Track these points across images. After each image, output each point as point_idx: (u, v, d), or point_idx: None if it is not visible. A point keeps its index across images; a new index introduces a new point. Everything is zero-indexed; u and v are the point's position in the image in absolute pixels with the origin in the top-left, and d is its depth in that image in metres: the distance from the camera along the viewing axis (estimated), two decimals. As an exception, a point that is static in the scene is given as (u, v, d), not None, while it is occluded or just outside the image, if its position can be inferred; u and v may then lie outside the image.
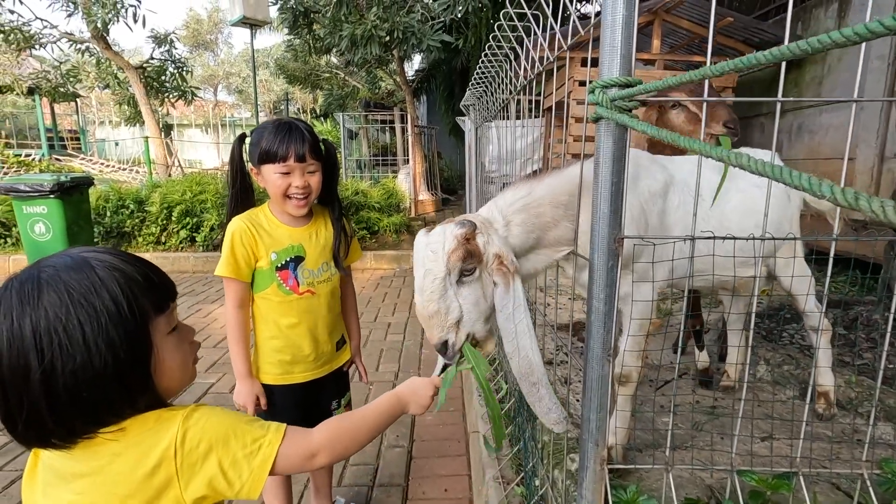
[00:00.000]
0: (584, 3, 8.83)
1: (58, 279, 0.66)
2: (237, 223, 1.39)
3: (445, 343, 1.17)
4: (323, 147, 1.43)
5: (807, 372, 2.01)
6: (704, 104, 0.97)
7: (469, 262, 1.16)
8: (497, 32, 1.95)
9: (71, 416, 0.66)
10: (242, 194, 1.44)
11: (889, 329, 1.05)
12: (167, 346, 0.74)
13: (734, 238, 1.01)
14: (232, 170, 1.42)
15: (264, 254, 1.39)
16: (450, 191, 10.87)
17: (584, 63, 4.62)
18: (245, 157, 1.45)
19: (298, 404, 1.51)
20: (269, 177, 1.36)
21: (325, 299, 1.49)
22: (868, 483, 1.01)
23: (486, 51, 2.20)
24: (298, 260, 1.43)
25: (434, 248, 1.18)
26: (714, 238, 0.96)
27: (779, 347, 2.33)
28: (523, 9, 1.50)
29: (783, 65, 0.98)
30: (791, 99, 0.95)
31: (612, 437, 1.47)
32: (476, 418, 2.22)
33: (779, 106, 0.90)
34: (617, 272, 0.97)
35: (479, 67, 2.58)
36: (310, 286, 1.45)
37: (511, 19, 1.64)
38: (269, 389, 1.48)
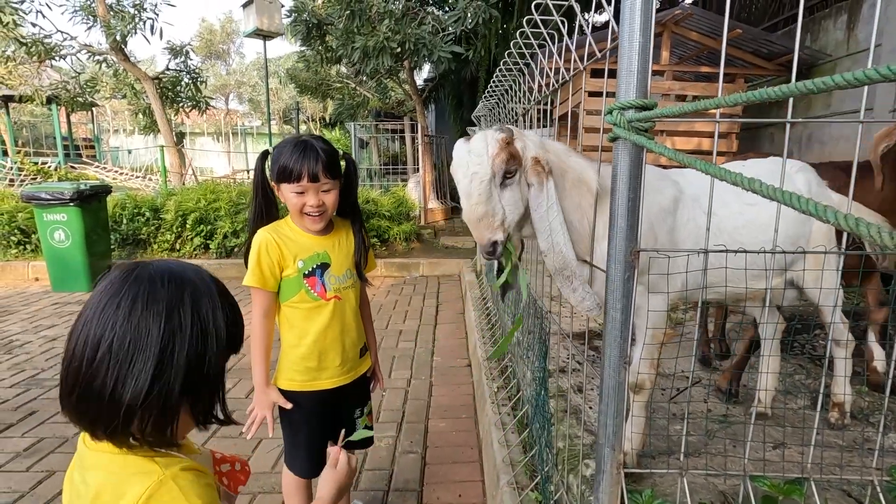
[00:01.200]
0: (597, 12, 8.92)
1: (183, 282, 0.70)
2: (262, 235, 1.44)
3: (495, 243, 1.26)
4: (343, 163, 1.48)
5: (818, 381, 2.03)
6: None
7: (512, 163, 1.24)
8: (511, 49, 2.01)
9: (151, 415, 0.67)
10: (265, 208, 1.48)
11: (898, 339, 1.08)
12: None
13: (745, 251, 1.05)
14: (255, 185, 1.48)
15: (291, 262, 1.43)
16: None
17: (593, 74, 4.68)
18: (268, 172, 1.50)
19: (324, 412, 1.55)
20: (286, 194, 1.42)
21: (351, 305, 1.54)
22: (878, 489, 1.04)
23: (501, 66, 2.26)
24: (325, 266, 1.48)
25: (478, 152, 1.25)
26: (726, 252, 1.01)
27: (790, 357, 2.35)
28: (539, 28, 1.56)
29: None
30: (800, 120, 0.98)
31: (627, 444, 1.51)
32: (489, 425, 2.26)
33: (788, 126, 0.95)
34: (633, 283, 1.02)
35: (493, 81, 2.65)
36: (337, 292, 1.50)
37: (527, 37, 1.70)
38: (294, 396, 1.51)
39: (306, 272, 1.46)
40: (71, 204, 5.13)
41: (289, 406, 1.49)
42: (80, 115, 18.31)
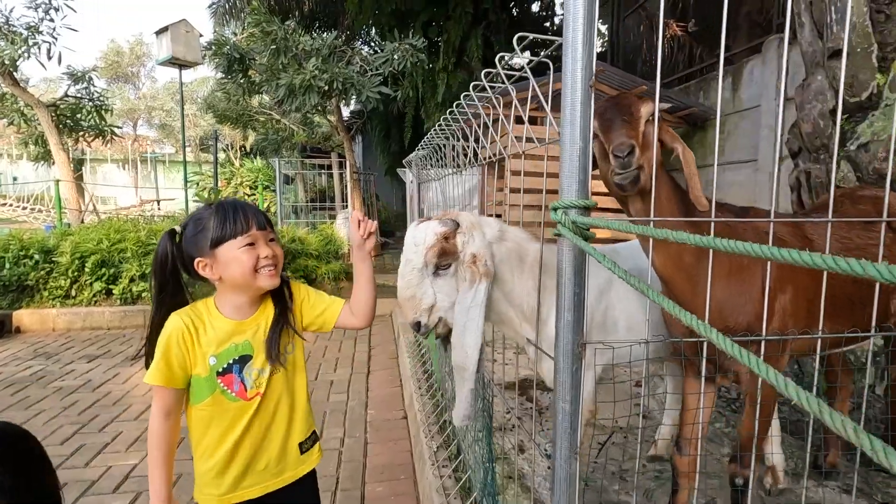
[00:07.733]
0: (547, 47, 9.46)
1: None
2: (175, 320, 1.21)
3: (419, 323, 1.35)
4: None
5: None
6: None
7: (444, 258, 1.30)
8: (447, 109, 2.05)
9: None
10: (173, 294, 1.25)
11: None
12: None
13: (681, 340, 1.11)
14: (162, 273, 1.23)
15: (201, 359, 1.21)
16: (387, 233, 10.87)
17: (519, 120, 4.91)
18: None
19: None
20: (230, 255, 1.20)
21: (280, 396, 1.29)
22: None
23: (435, 127, 2.30)
24: (244, 360, 1.24)
25: (417, 240, 1.32)
26: (664, 341, 1.06)
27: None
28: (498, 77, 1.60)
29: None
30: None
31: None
32: (431, 491, 2.18)
33: (714, 223, 1.02)
34: (581, 374, 1.03)
35: (427, 139, 2.68)
36: (259, 387, 1.25)
37: (471, 99, 1.73)
38: None
39: (220, 370, 1.22)
40: (-62, 249, 4.44)
41: None
42: (-46, 138, 16.13)
